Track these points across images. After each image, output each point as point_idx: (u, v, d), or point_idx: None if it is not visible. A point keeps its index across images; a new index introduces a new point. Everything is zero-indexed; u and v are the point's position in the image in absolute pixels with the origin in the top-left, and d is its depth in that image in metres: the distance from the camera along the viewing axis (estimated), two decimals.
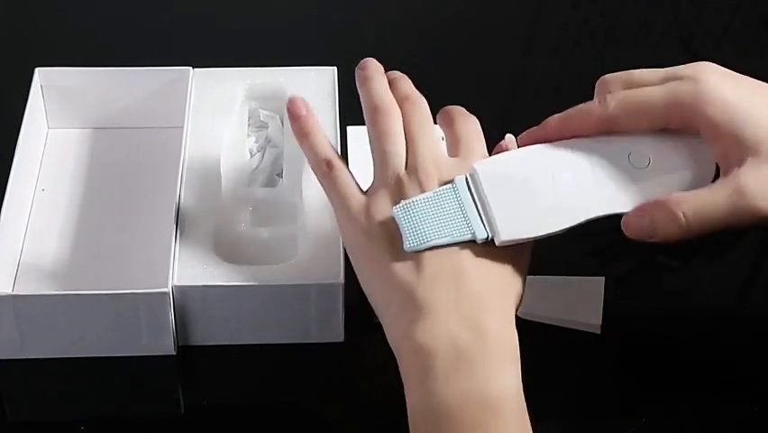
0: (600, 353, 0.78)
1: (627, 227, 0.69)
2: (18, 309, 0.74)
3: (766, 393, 0.76)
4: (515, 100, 1.00)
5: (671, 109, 0.70)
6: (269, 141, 0.87)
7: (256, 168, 0.85)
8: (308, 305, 0.76)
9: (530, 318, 0.79)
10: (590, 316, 0.78)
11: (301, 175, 0.82)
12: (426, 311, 0.66)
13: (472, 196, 0.69)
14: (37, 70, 0.87)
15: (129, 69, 0.88)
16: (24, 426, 0.76)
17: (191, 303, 0.76)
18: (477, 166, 0.70)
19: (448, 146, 0.74)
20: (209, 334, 0.78)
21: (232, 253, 0.79)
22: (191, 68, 0.88)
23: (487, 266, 0.68)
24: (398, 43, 1.04)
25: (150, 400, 0.77)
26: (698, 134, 0.71)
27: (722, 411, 0.76)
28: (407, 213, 0.68)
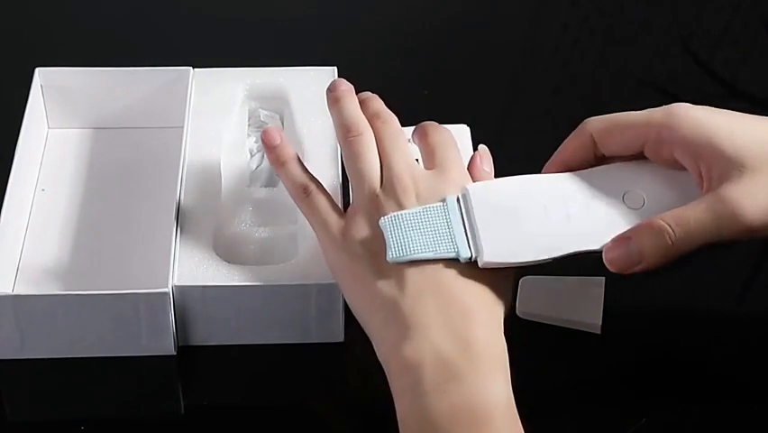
0: (600, 353, 0.78)
1: (612, 260, 0.70)
2: (18, 309, 0.74)
3: (766, 393, 0.76)
4: (515, 100, 1.00)
5: (648, 129, 0.72)
6: None
7: (256, 168, 0.85)
8: (308, 305, 0.76)
9: (530, 318, 0.79)
10: (590, 316, 0.78)
11: None
12: (412, 327, 0.66)
13: (462, 215, 0.70)
14: (37, 70, 0.87)
15: (129, 69, 0.88)
16: (24, 426, 0.76)
17: (191, 303, 0.76)
18: (469, 187, 0.71)
19: (423, 159, 0.75)
20: (209, 334, 0.77)
21: (232, 253, 0.79)
22: (191, 68, 0.88)
23: (471, 279, 0.69)
24: (398, 43, 1.04)
25: (150, 400, 0.77)
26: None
27: (722, 411, 0.76)
28: (394, 224, 0.69)
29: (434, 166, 0.74)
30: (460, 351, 0.65)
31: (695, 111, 0.72)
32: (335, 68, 0.89)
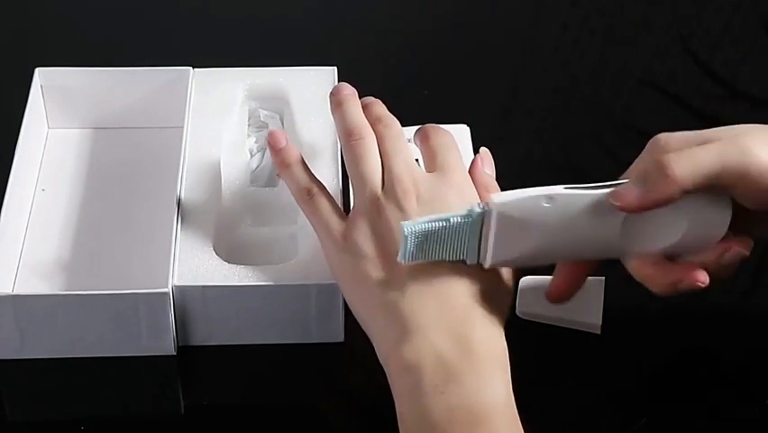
0: (600, 353, 0.78)
1: (620, 196, 0.66)
2: (18, 309, 0.74)
3: (766, 394, 0.76)
4: (515, 100, 1.00)
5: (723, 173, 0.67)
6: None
7: (256, 168, 0.85)
8: (308, 305, 0.76)
9: (530, 318, 0.79)
10: (590, 316, 0.78)
11: None
12: (412, 328, 0.66)
13: (481, 229, 0.68)
14: (37, 70, 0.87)
15: (129, 69, 0.88)
16: (24, 426, 0.76)
17: (191, 303, 0.76)
18: (496, 201, 0.68)
19: (425, 162, 0.75)
20: (209, 334, 0.77)
21: (232, 253, 0.79)
22: (191, 68, 0.88)
23: (472, 282, 0.69)
24: (398, 43, 1.04)
25: (150, 400, 0.77)
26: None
27: (722, 411, 0.76)
28: (414, 230, 0.67)
29: (436, 169, 0.74)
30: (459, 352, 0.65)
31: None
32: (335, 68, 0.89)
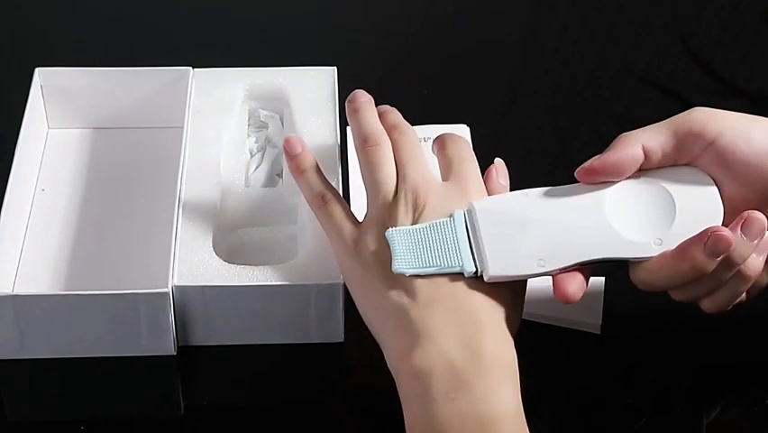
0: (600, 353, 0.78)
1: (583, 166, 0.70)
2: (18, 309, 0.74)
3: (766, 394, 0.76)
4: (515, 100, 1.00)
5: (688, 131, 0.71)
6: (269, 141, 0.87)
7: (256, 168, 0.85)
8: (308, 305, 0.76)
9: (530, 318, 0.79)
10: (590, 316, 0.78)
11: None
12: (422, 335, 0.66)
13: (468, 231, 0.70)
14: (37, 70, 0.87)
15: (129, 69, 0.88)
16: (24, 426, 0.76)
17: (191, 303, 0.76)
18: (475, 204, 0.71)
19: (441, 170, 0.75)
20: (209, 334, 0.78)
21: (232, 253, 0.79)
22: (191, 68, 0.88)
23: (482, 292, 0.69)
24: (398, 43, 1.04)
25: (150, 400, 0.77)
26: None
27: (722, 411, 0.76)
28: (401, 237, 0.69)
29: (451, 177, 0.73)
30: (469, 359, 0.65)
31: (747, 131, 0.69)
32: (335, 68, 0.89)
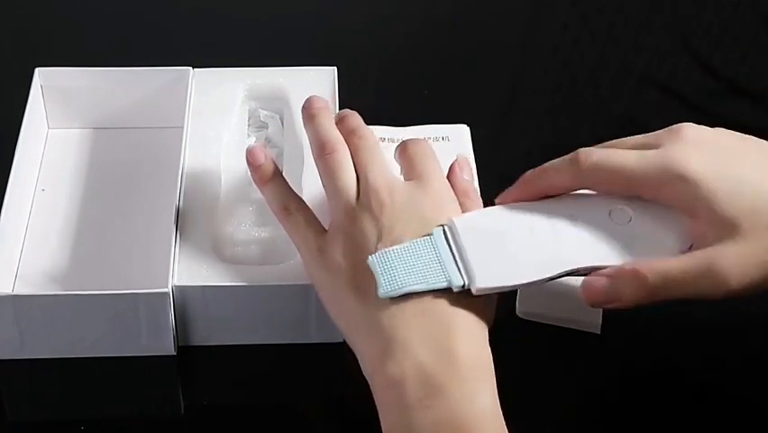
0: (600, 353, 0.78)
1: (589, 291, 0.70)
2: (18, 309, 0.74)
3: (766, 394, 0.76)
4: (515, 100, 1.00)
5: (644, 185, 0.70)
6: (269, 141, 0.87)
7: None
8: (308, 305, 0.76)
9: (530, 318, 0.79)
10: (590, 316, 0.78)
11: (301, 175, 0.82)
12: (393, 342, 0.66)
13: (450, 246, 0.69)
14: (37, 70, 0.87)
15: (129, 69, 0.88)
16: (24, 426, 0.76)
17: (191, 303, 0.76)
18: (455, 219, 0.70)
19: (403, 172, 0.75)
20: (209, 334, 0.78)
21: (232, 253, 0.79)
22: (191, 68, 0.88)
23: (452, 296, 0.68)
24: (398, 43, 1.04)
25: (150, 400, 0.77)
26: None
27: (722, 412, 0.76)
28: (383, 261, 0.68)
29: (414, 177, 0.73)
30: (442, 364, 0.65)
31: (693, 168, 0.69)
32: (335, 68, 0.89)
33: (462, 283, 0.68)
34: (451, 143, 0.86)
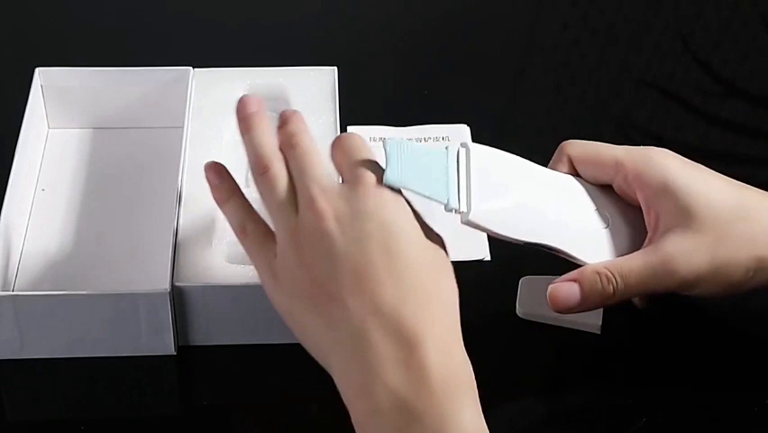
0: (600, 353, 0.78)
1: (555, 298, 0.73)
2: (18, 309, 0.74)
3: (766, 394, 0.76)
4: (515, 100, 1.00)
5: (617, 169, 0.75)
6: None
7: None
8: None
9: (530, 318, 0.79)
10: (590, 316, 0.78)
11: None
12: (363, 370, 0.63)
13: (458, 168, 0.70)
14: (37, 70, 0.87)
15: (129, 69, 0.88)
16: (24, 426, 0.76)
17: (191, 303, 0.76)
18: (471, 146, 0.72)
19: (340, 174, 0.70)
20: (209, 334, 0.77)
21: (232, 253, 0.79)
22: (191, 68, 0.88)
23: (411, 292, 0.64)
24: (398, 43, 1.04)
25: (150, 400, 0.77)
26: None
27: (722, 412, 0.76)
28: (397, 150, 0.68)
29: (347, 177, 0.69)
30: (415, 387, 0.62)
31: (667, 160, 0.74)
32: (335, 68, 0.89)
33: (457, 208, 0.69)
34: (451, 143, 0.86)
